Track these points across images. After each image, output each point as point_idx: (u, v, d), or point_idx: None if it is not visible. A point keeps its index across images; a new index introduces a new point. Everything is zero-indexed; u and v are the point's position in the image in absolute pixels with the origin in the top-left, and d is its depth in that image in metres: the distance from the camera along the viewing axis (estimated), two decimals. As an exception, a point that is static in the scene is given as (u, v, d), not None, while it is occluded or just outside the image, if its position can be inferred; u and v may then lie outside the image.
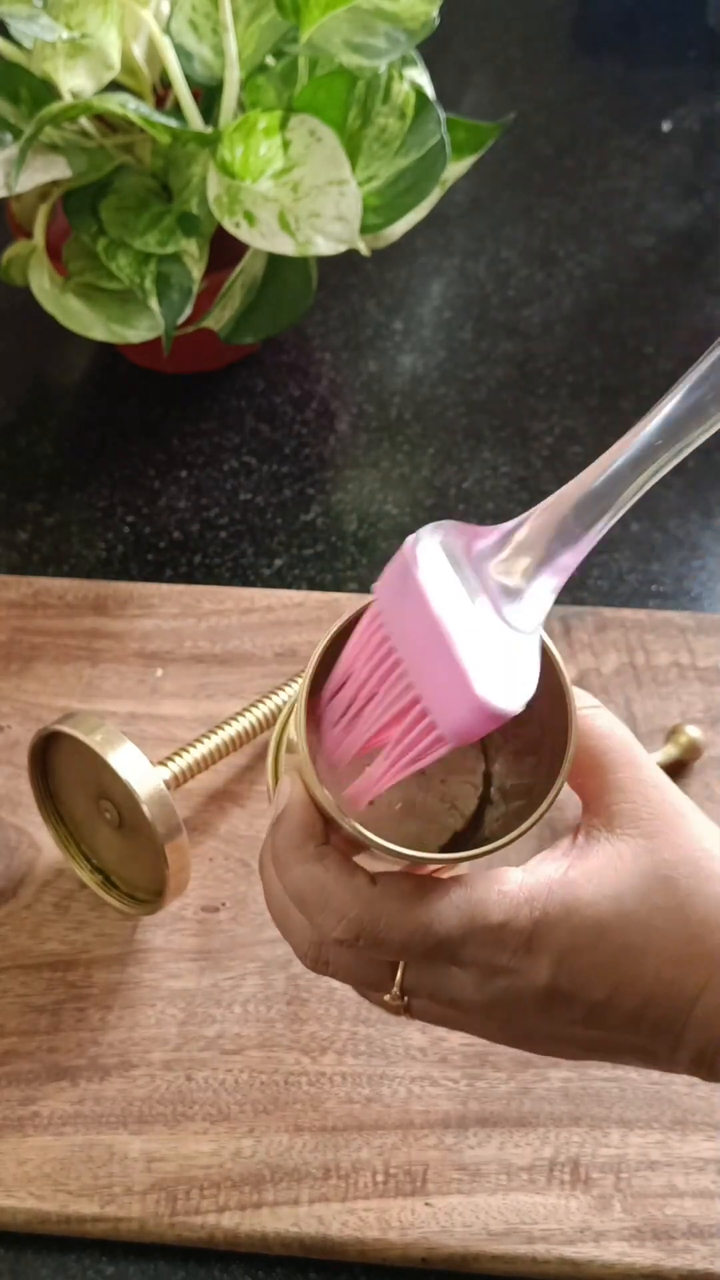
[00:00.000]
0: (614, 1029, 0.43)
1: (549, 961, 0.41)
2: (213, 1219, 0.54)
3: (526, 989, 0.42)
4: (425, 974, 0.43)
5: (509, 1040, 0.45)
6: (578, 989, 0.42)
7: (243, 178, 0.71)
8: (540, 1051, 0.46)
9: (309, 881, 0.42)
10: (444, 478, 0.81)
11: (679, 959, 0.42)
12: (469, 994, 0.43)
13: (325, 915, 0.42)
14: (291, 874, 0.43)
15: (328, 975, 0.45)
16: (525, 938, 0.41)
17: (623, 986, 0.42)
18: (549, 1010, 0.42)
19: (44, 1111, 0.57)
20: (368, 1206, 0.55)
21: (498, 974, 0.42)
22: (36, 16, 0.69)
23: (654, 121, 1.05)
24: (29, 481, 0.81)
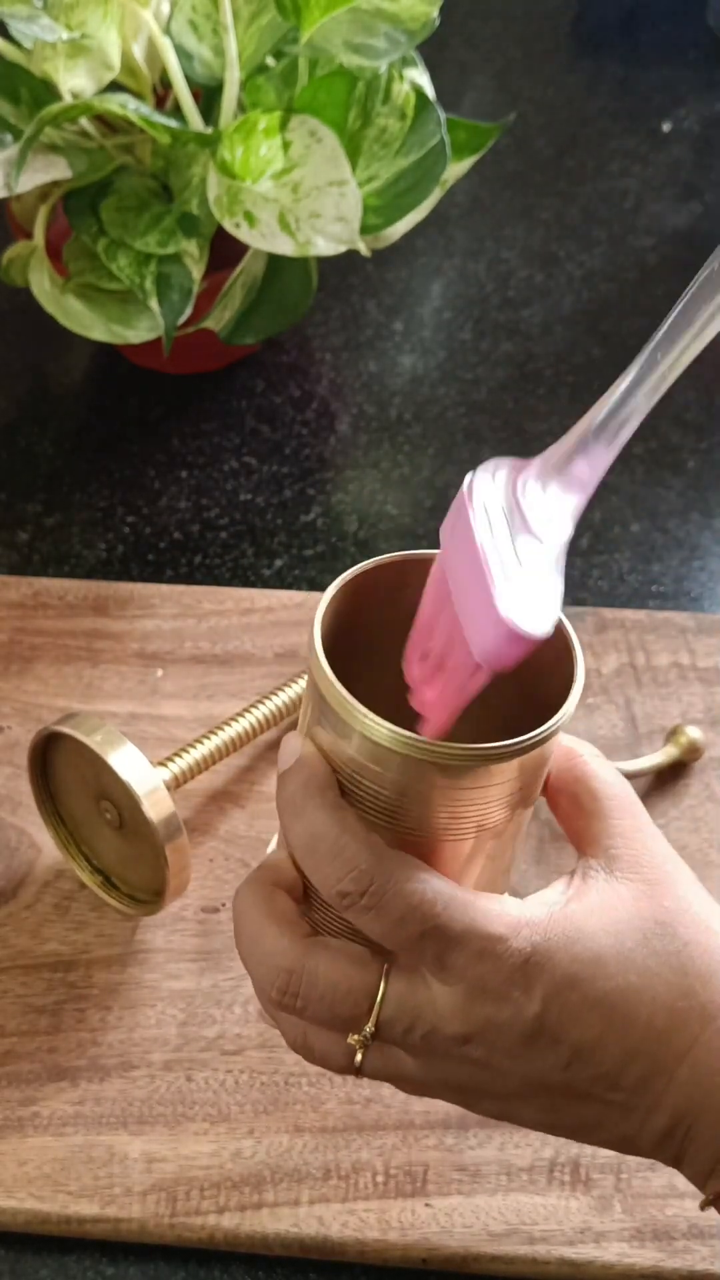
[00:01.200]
0: (594, 1080, 0.41)
1: (541, 992, 0.40)
2: (213, 1220, 0.54)
3: (512, 1020, 0.40)
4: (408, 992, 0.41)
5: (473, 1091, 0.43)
6: (567, 1026, 0.40)
7: (243, 178, 0.71)
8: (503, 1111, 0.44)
9: (326, 825, 0.41)
10: (444, 478, 0.81)
11: (672, 1008, 0.41)
12: (448, 1023, 0.41)
13: (336, 864, 0.40)
14: (307, 819, 0.41)
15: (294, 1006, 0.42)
16: (522, 960, 0.40)
17: (613, 1029, 0.40)
18: (531, 1048, 0.41)
19: (44, 1112, 0.57)
20: (368, 1207, 0.55)
21: (485, 997, 0.40)
22: (37, 17, 0.69)
23: (654, 122, 1.05)
24: (29, 482, 0.81)
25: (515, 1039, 0.41)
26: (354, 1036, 0.42)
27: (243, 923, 0.44)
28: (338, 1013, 0.42)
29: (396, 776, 0.40)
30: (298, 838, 0.41)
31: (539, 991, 0.40)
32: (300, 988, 0.42)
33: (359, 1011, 0.42)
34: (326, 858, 0.41)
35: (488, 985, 0.40)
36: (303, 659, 0.70)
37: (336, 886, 0.40)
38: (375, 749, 0.40)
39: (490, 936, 0.40)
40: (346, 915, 0.41)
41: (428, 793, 0.40)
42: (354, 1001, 0.42)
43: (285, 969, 0.42)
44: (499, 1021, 0.41)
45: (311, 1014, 0.42)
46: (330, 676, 0.40)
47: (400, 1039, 0.42)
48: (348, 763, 0.41)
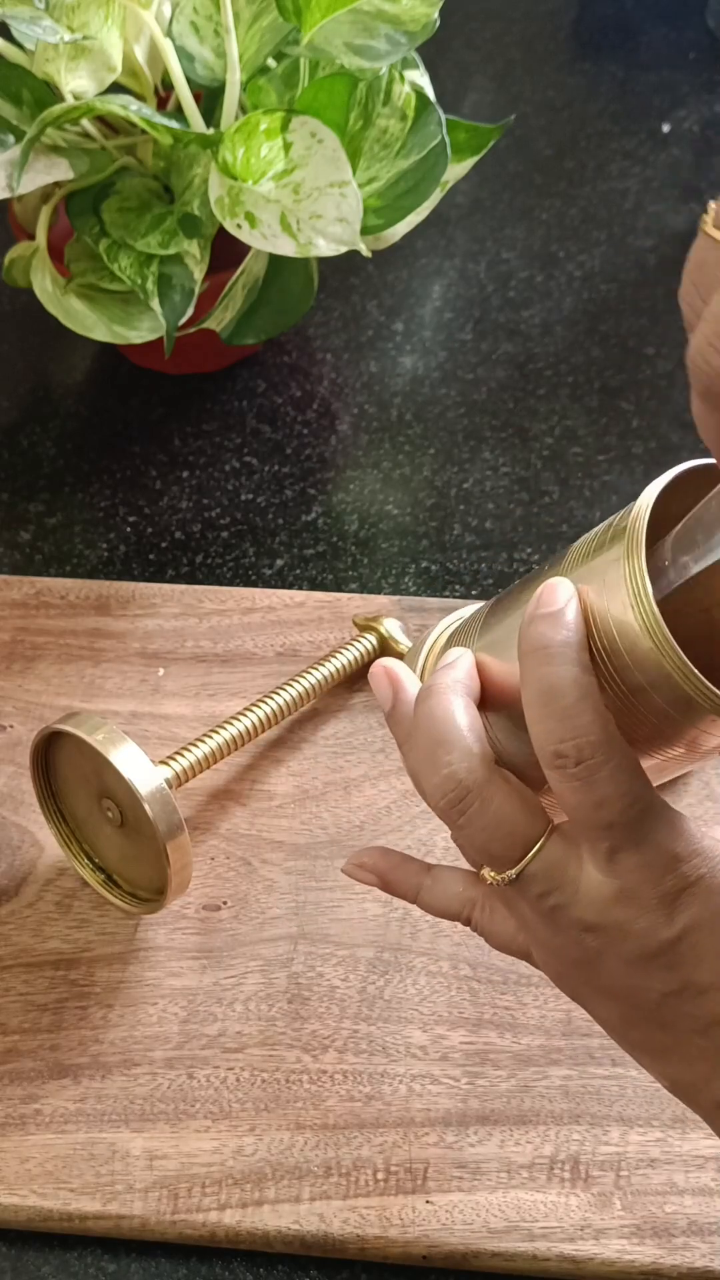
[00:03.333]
0: (686, 1017, 0.41)
1: (684, 921, 0.40)
2: (214, 1216, 0.55)
3: (643, 933, 0.40)
4: (561, 859, 0.41)
5: (573, 976, 0.43)
6: (689, 962, 0.40)
7: (244, 179, 0.71)
8: (581, 995, 0.44)
9: (569, 684, 0.39)
10: (444, 478, 0.81)
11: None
12: (583, 906, 0.41)
13: (565, 724, 0.39)
14: (552, 669, 0.39)
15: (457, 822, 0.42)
16: (684, 885, 0.40)
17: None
18: (645, 965, 0.41)
19: (46, 1109, 0.57)
20: (369, 1204, 0.55)
21: (631, 902, 0.40)
22: (39, 18, 0.70)
23: (654, 123, 1.05)
24: (31, 482, 0.81)
25: (635, 951, 0.41)
26: (491, 872, 0.43)
27: (434, 721, 0.43)
28: (491, 847, 0.42)
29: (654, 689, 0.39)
30: (537, 683, 0.40)
31: (682, 920, 0.40)
32: (470, 809, 0.42)
33: (511, 855, 0.42)
34: (558, 715, 0.39)
35: (640, 893, 0.40)
36: (304, 659, 0.71)
37: (557, 746, 0.39)
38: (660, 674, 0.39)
39: (666, 852, 0.40)
40: (550, 774, 0.40)
41: (670, 715, 0.40)
42: (510, 844, 0.42)
43: (465, 786, 0.42)
44: (630, 929, 0.41)
45: (467, 836, 0.43)
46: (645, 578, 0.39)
47: (532, 899, 0.42)
48: (609, 646, 0.40)
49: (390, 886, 0.50)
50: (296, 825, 0.65)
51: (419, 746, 0.43)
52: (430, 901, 0.49)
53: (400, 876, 0.49)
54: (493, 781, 0.42)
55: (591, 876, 0.41)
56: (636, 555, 0.40)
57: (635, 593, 0.39)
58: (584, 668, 0.40)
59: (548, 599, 0.41)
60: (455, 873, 0.48)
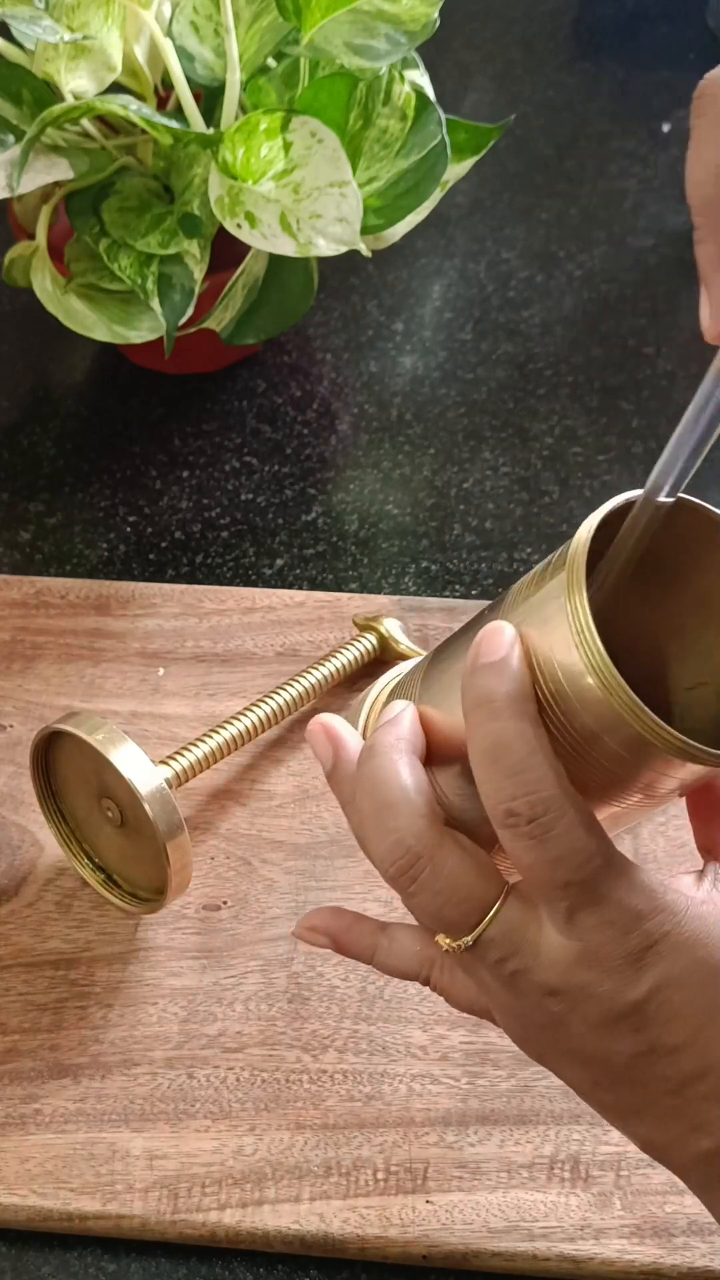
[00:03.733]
0: (657, 1078, 0.40)
1: (652, 980, 0.39)
2: (214, 1216, 0.55)
3: (608, 996, 0.39)
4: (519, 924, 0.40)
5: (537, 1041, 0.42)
6: (657, 1023, 0.39)
7: (244, 179, 0.71)
8: (546, 1059, 0.43)
9: (518, 739, 0.38)
10: (444, 478, 0.81)
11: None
12: (544, 970, 0.40)
13: (516, 781, 0.38)
14: (500, 724, 0.38)
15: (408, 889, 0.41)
16: (649, 943, 0.39)
17: (700, 1042, 0.39)
18: (611, 1028, 0.40)
19: (46, 1109, 0.57)
20: (369, 1204, 0.55)
21: (594, 964, 0.39)
22: (39, 18, 0.70)
23: (654, 123, 1.05)
24: (31, 482, 0.81)
25: (602, 1014, 0.39)
26: (447, 939, 0.41)
27: (376, 784, 0.41)
28: (445, 913, 0.41)
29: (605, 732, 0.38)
30: (483, 740, 0.38)
31: (648, 980, 0.39)
32: (421, 875, 0.40)
33: (467, 920, 0.41)
34: (507, 771, 0.38)
35: (603, 954, 0.39)
36: (304, 658, 0.71)
37: (508, 804, 0.38)
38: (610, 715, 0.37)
39: (628, 909, 0.39)
40: (503, 833, 0.39)
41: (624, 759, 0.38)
42: (466, 909, 0.40)
43: (415, 852, 0.40)
44: (595, 992, 0.39)
45: (419, 903, 0.41)
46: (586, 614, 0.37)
47: (491, 964, 0.41)
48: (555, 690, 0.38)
49: (343, 948, 0.48)
50: (296, 825, 0.65)
51: (363, 810, 0.41)
52: (386, 962, 0.47)
53: (354, 938, 0.48)
54: (444, 845, 0.40)
55: (551, 939, 0.40)
56: (577, 590, 0.38)
57: (578, 629, 0.37)
58: (531, 720, 0.38)
59: (489, 647, 0.39)
60: (411, 931, 0.46)
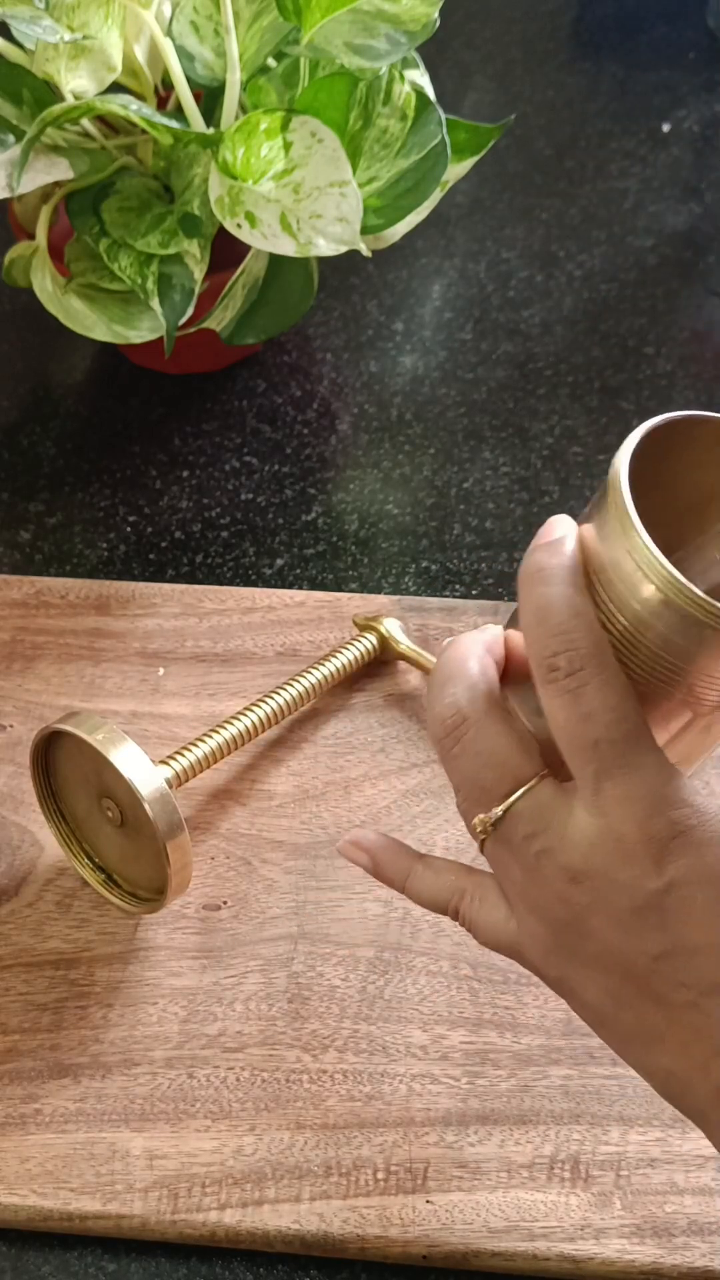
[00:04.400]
0: (679, 986, 0.39)
1: (674, 873, 0.39)
2: (214, 1216, 0.55)
3: (629, 885, 0.39)
4: (549, 801, 0.41)
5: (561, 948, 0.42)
6: (679, 918, 0.39)
7: (244, 179, 0.71)
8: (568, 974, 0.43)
9: (563, 601, 0.40)
10: (444, 478, 0.81)
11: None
12: (569, 850, 0.40)
13: (559, 638, 0.40)
14: (548, 588, 0.40)
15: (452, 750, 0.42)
16: (672, 832, 0.39)
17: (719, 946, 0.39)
18: (633, 922, 0.40)
19: (46, 1109, 0.57)
20: (369, 1204, 0.55)
21: (615, 846, 0.39)
22: (39, 18, 0.70)
23: (654, 122, 1.05)
24: (31, 481, 0.81)
25: (623, 904, 0.40)
26: (480, 817, 0.42)
27: (447, 661, 0.43)
28: (481, 777, 0.42)
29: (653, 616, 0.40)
30: (533, 601, 0.40)
31: (671, 871, 0.39)
32: (466, 734, 0.42)
33: (499, 788, 0.42)
34: (552, 629, 0.40)
35: (625, 835, 0.39)
36: (304, 658, 0.71)
37: (549, 659, 0.40)
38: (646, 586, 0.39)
39: (653, 790, 0.39)
40: (544, 692, 0.40)
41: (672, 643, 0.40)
42: (499, 776, 0.42)
43: (463, 713, 0.42)
44: (616, 879, 0.39)
45: (460, 766, 0.42)
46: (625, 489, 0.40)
47: (519, 842, 0.41)
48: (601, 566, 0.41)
49: (380, 869, 0.49)
50: (296, 825, 0.65)
51: (433, 686, 0.43)
52: (419, 888, 0.48)
53: (391, 858, 0.49)
54: (492, 714, 0.42)
55: (579, 818, 0.40)
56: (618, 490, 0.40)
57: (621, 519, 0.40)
58: (578, 588, 0.40)
59: (545, 531, 0.42)
60: (446, 862, 0.48)
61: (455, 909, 0.47)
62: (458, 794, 0.44)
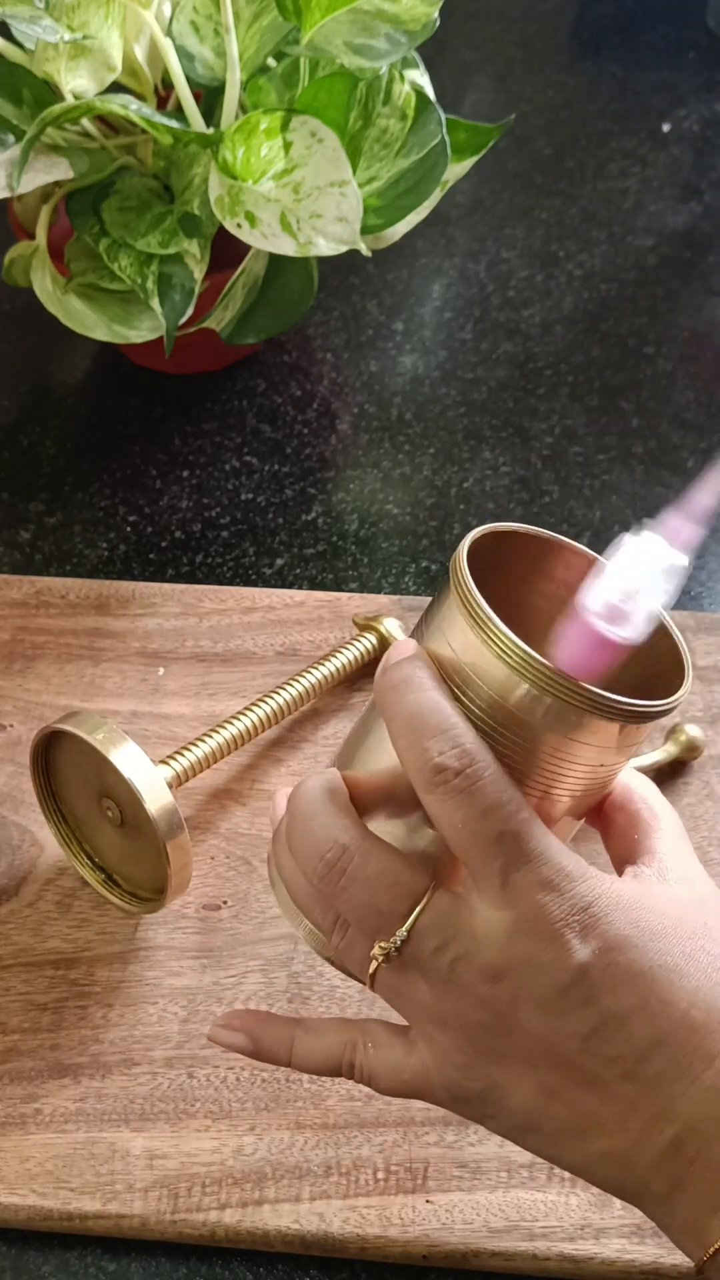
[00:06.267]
0: (611, 1061, 0.39)
1: (595, 943, 0.39)
2: (214, 1216, 0.55)
3: (553, 964, 0.39)
4: (451, 909, 0.40)
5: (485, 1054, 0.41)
6: (605, 988, 0.39)
7: (244, 179, 0.71)
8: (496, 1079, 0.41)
9: (436, 703, 0.40)
10: (444, 477, 0.81)
11: (712, 1007, 0.39)
12: (485, 949, 0.40)
13: (442, 738, 0.39)
14: (416, 696, 0.40)
15: (339, 884, 0.41)
16: (586, 904, 0.39)
17: (648, 1008, 0.39)
18: (561, 1002, 0.39)
19: (46, 1109, 0.57)
20: (369, 1204, 0.55)
21: (535, 931, 0.39)
22: (39, 18, 0.70)
23: (654, 122, 1.05)
24: (31, 481, 0.81)
25: (549, 986, 0.39)
26: (380, 943, 0.41)
27: (301, 799, 0.43)
28: (376, 903, 0.41)
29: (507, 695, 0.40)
30: (405, 710, 0.40)
31: (592, 943, 0.39)
32: (350, 865, 0.41)
33: (398, 909, 0.41)
34: (433, 731, 0.39)
35: (542, 918, 0.39)
36: (304, 658, 0.71)
37: (435, 761, 0.39)
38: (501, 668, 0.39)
39: (561, 869, 0.39)
40: (432, 798, 0.40)
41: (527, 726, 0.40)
42: (395, 896, 0.41)
43: (341, 843, 0.41)
44: (539, 962, 0.39)
45: (350, 897, 0.41)
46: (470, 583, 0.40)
47: (428, 957, 0.41)
48: (460, 675, 0.40)
49: (260, 1048, 0.48)
50: (296, 825, 0.65)
51: (293, 829, 0.43)
52: (305, 1053, 0.46)
53: (269, 1033, 0.47)
54: (370, 837, 0.42)
55: (487, 916, 0.40)
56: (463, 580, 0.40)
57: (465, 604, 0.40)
58: (446, 694, 0.40)
59: (395, 653, 0.42)
60: (325, 1021, 0.47)
61: (349, 1064, 0.46)
62: (343, 933, 0.43)
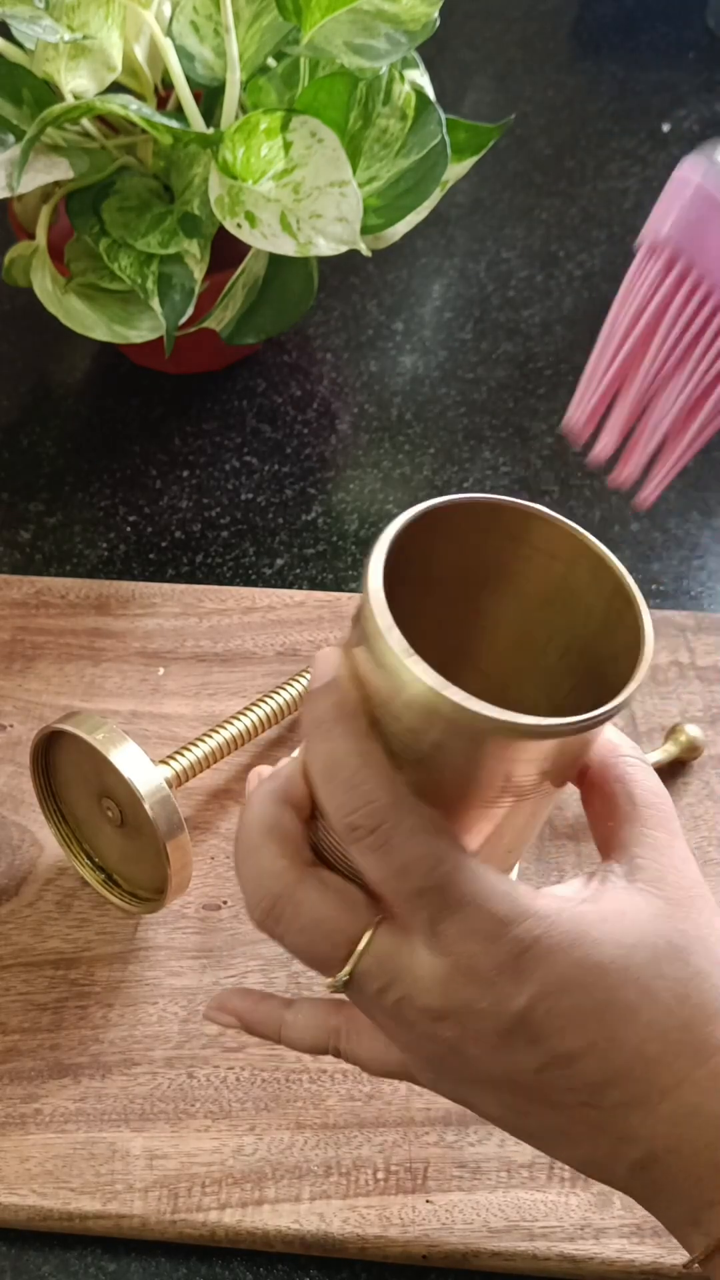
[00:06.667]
0: (569, 1090, 0.38)
1: (532, 989, 0.38)
2: (214, 1216, 0.55)
3: (492, 1010, 0.38)
4: (392, 950, 0.39)
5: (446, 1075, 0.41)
6: (549, 1032, 0.38)
7: (244, 179, 0.71)
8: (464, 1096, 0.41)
9: (349, 754, 0.38)
10: (444, 477, 0.81)
11: (666, 1038, 0.38)
12: (425, 994, 0.39)
13: (352, 795, 0.38)
14: (331, 742, 0.38)
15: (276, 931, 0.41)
16: (520, 950, 0.37)
17: (600, 1046, 0.38)
18: (506, 1043, 0.38)
19: (46, 1109, 0.57)
20: (369, 1204, 0.55)
21: (470, 979, 0.38)
22: (39, 18, 0.70)
23: (654, 122, 1.05)
24: (31, 481, 0.81)
25: (491, 1030, 0.38)
26: (328, 982, 0.40)
27: (244, 834, 0.41)
28: (315, 950, 0.40)
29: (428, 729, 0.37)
30: (318, 759, 0.39)
31: (529, 988, 0.38)
32: (284, 914, 0.40)
33: (337, 954, 0.40)
34: (343, 786, 0.38)
35: (476, 967, 0.38)
36: (304, 658, 0.71)
37: (348, 818, 0.38)
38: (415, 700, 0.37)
39: (492, 916, 0.38)
40: (351, 850, 0.39)
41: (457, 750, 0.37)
42: (333, 944, 0.40)
43: (274, 893, 0.40)
44: (478, 1008, 0.38)
45: (290, 944, 0.41)
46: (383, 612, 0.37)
47: (373, 997, 0.40)
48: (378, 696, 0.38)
49: (251, 1027, 0.48)
50: (296, 825, 0.65)
51: (238, 862, 0.42)
52: (293, 1037, 0.46)
53: (260, 1016, 0.47)
54: (303, 882, 0.40)
55: (424, 960, 0.38)
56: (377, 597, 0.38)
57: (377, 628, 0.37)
58: (360, 734, 0.38)
59: (317, 671, 0.39)
60: (316, 1003, 0.46)
61: (335, 1049, 0.46)
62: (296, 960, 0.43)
